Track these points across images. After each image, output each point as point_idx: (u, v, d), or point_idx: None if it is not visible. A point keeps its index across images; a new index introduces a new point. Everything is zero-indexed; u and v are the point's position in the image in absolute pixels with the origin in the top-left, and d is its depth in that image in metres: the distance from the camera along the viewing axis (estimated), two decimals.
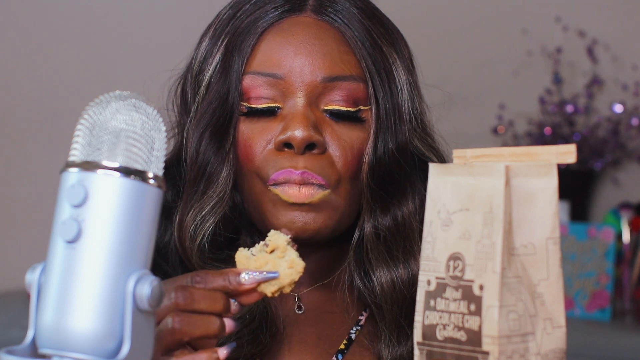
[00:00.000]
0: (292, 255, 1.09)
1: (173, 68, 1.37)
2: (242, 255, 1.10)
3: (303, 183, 1.24)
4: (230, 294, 1.07)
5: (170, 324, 1.03)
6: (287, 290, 1.09)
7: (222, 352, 1.05)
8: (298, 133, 1.24)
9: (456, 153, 1.00)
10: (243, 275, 1.07)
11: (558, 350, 0.94)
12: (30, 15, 3.33)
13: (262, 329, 1.26)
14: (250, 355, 1.25)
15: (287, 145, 1.25)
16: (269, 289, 1.08)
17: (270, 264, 1.09)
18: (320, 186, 1.25)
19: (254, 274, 1.07)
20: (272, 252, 1.10)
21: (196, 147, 1.29)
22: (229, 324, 1.06)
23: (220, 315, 1.06)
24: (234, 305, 1.08)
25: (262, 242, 1.11)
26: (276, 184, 1.25)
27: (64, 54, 3.33)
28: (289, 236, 1.11)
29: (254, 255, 1.10)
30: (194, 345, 1.06)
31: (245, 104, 1.27)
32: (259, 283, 1.07)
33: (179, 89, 1.35)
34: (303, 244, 1.18)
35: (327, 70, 1.27)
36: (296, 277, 1.08)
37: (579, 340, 2.58)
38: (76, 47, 3.33)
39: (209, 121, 1.28)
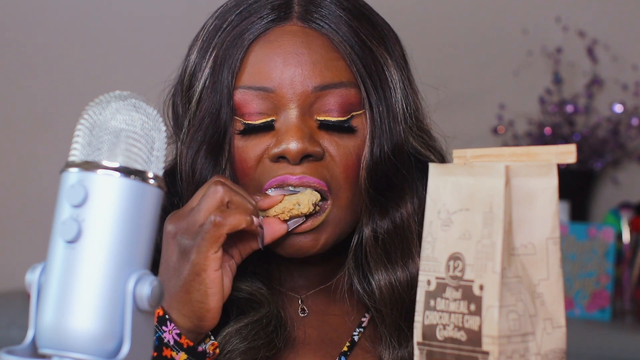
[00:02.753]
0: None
1: (165, 79, 1.35)
2: None
3: (301, 185, 1.24)
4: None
5: (213, 217, 1.16)
6: (307, 208, 1.23)
7: (256, 219, 1.19)
8: (293, 146, 1.23)
9: (456, 153, 1.00)
10: (269, 191, 1.25)
11: (558, 350, 0.94)
12: (31, 16, 3.33)
13: (277, 333, 1.26)
14: (261, 359, 1.25)
15: (282, 157, 1.24)
16: (290, 204, 1.23)
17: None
18: (321, 193, 1.25)
19: (278, 190, 1.25)
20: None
21: (192, 166, 1.27)
22: (256, 221, 1.19)
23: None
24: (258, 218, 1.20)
25: None
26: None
27: (64, 54, 3.33)
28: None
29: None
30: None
31: (240, 119, 1.26)
32: (283, 196, 1.23)
33: (170, 101, 1.34)
34: None
35: (318, 79, 1.25)
36: (314, 198, 1.24)
37: (579, 340, 2.58)
38: (76, 47, 3.33)
39: (203, 139, 1.27)
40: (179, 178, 1.30)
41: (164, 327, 1.18)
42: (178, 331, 1.18)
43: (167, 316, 1.18)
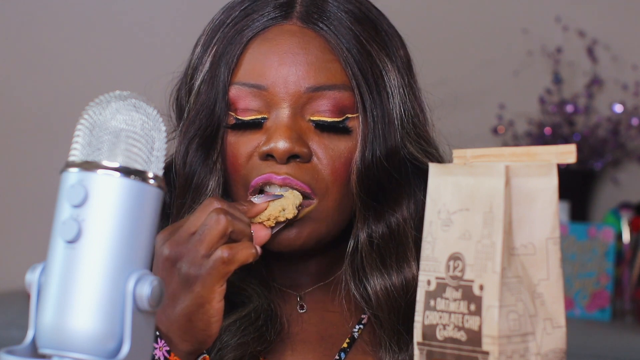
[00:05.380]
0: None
1: (174, 71, 1.37)
2: None
3: (284, 185, 1.24)
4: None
5: (221, 253, 1.15)
6: (292, 214, 1.23)
7: (258, 248, 1.19)
8: (280, 145, 1.23)
9: (456, 153, 1.00)
10: (253, 198, 1.24)
11: (558, 350, 0.94)
12: (31, 15, 3.33)
13: (267, 327, 1.26)
14: (254, 354, 1.26)
15: (270, 155, 1.25)
16: (275, 211, 1.22)
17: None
18: (305, 195, 1.25)
19: (262, 196, 1.24)
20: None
21: (183, 158, 1.29)
22: (259, 250, 1.19)
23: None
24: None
25: None
26: (254, 191, 1.25)
27: (65, 54, 3.33)
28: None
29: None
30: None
31: (233, 114, 1.27)
32: (268, 203, 1.22)
33: (175, 93, 1.35)
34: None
35: (312, 79, 1.25)
36: (297, 200, 1.23)
37: (579, 340, 2.58)
38: (77, 47, 3.33)
39: (196, 132, 1.28)
40: (174, 170, 1.31)
41: (154, 345, 1.17)
42: (168, 348, 1.18)
43: (157, 333, 1.17)
